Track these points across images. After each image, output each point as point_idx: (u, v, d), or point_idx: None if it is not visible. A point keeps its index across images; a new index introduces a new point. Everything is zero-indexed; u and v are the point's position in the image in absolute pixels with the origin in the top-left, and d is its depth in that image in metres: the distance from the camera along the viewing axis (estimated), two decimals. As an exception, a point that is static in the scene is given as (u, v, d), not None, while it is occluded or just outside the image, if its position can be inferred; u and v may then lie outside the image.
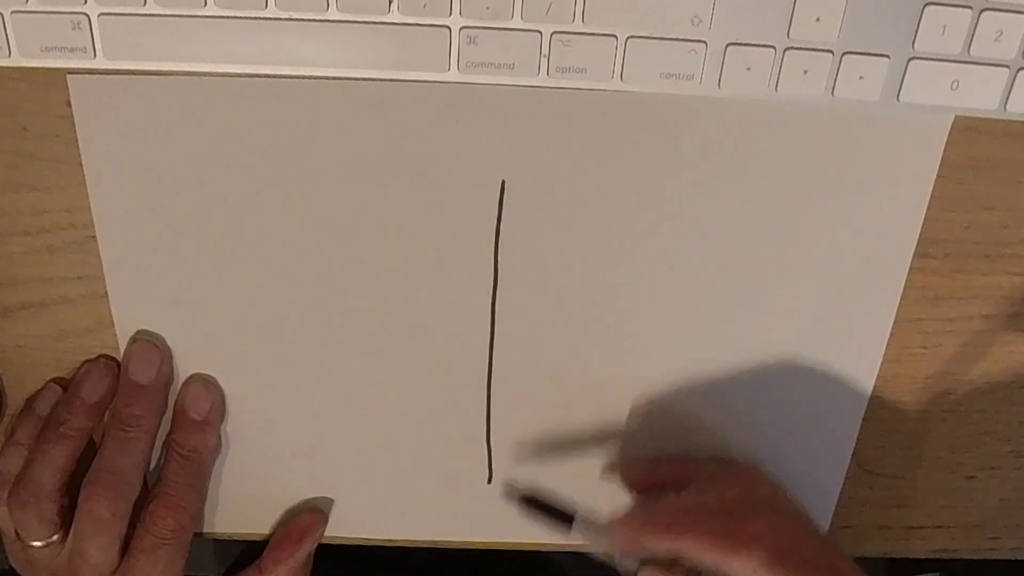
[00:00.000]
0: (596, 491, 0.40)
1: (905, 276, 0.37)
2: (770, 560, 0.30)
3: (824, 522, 0.42)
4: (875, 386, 0.39)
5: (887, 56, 0.32)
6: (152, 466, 0.39)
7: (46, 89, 0.33)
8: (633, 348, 0.38)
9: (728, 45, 0.32)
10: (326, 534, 0.41)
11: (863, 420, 0.40)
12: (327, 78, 0.33)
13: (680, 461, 0.39)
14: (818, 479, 0.41)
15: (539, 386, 0.38)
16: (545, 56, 0.32)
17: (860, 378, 0.39)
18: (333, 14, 0.31)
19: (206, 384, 0.38)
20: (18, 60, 0.32)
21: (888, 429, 0.40)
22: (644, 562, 0.34)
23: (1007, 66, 0.32)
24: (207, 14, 0.31)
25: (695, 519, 0.33)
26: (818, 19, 0.31)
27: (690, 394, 0.39)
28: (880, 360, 0.38)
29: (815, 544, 0.33)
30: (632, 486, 0.39)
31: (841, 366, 0.38)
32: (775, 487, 0.37)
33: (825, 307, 0.37)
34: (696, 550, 0.32)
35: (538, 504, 0.36)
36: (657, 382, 0.39)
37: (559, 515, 0.36)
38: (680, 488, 0.37)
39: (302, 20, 0.32)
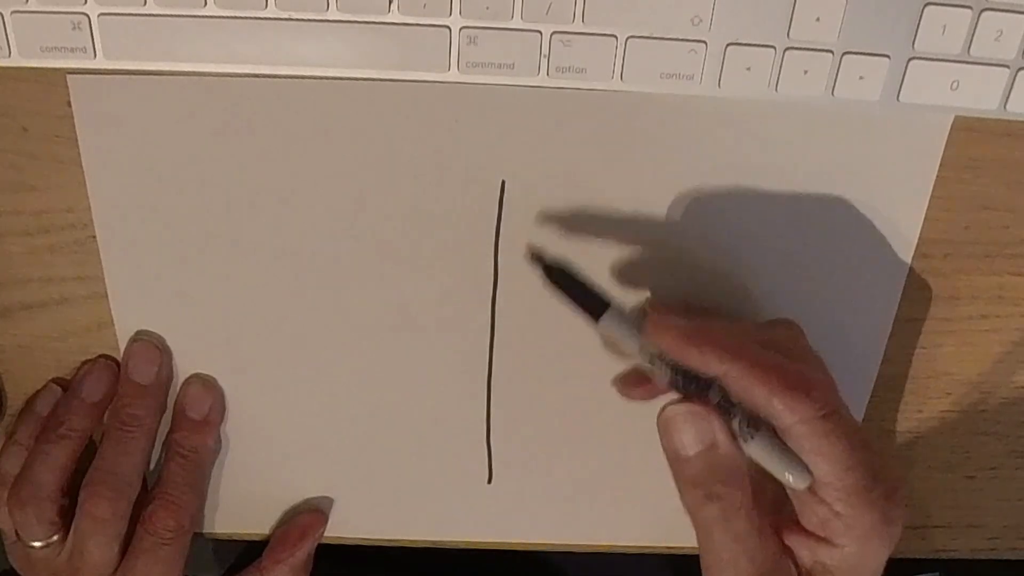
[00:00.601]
0: (596, 488, 0.41)
1: (905, 276, 0.37)
2: (823, 413, 0.27)
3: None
4: (875, 386, 0.39)
5: (887, 56, 0.32)
6: (152, 466, 0.39)
7: (46, 89, 0.33)
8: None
9: (728, 45, 0.32)
10: (326, 534, 0.41)
11: (863, 420, 0.40)
12: (327, 78, 0.33)
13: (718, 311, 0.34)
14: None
15: (539, 386, 0.38)
16: (545, 56, 0.32)
17: (860, 377, 0.39)
18: (333, 14, 0.31)
19: (206, 384, 0.38)
20: (18, 60, 0.32)
21: (888, 429, 0.40)
22: (672, 382, 0.29)
23: (1007, 66, 0.32)
24: (207, 14, 0.31)
25: (752, 346, 0.28)
26: (818, 19, 0.31)
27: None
28: (880, 360, 0.38)
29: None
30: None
31: (841, 366, 0.38)
32: (816, 352, 0.33)
33: (825, 307, 0.37)
34: (749, 378, 0.28)
35: (569, 279, 0.30)
36: (657, 382, 0.39)
37: (589, 298, 0.30)
38: None
39: (302, 20, 0.32)
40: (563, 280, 0.30)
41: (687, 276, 0.36)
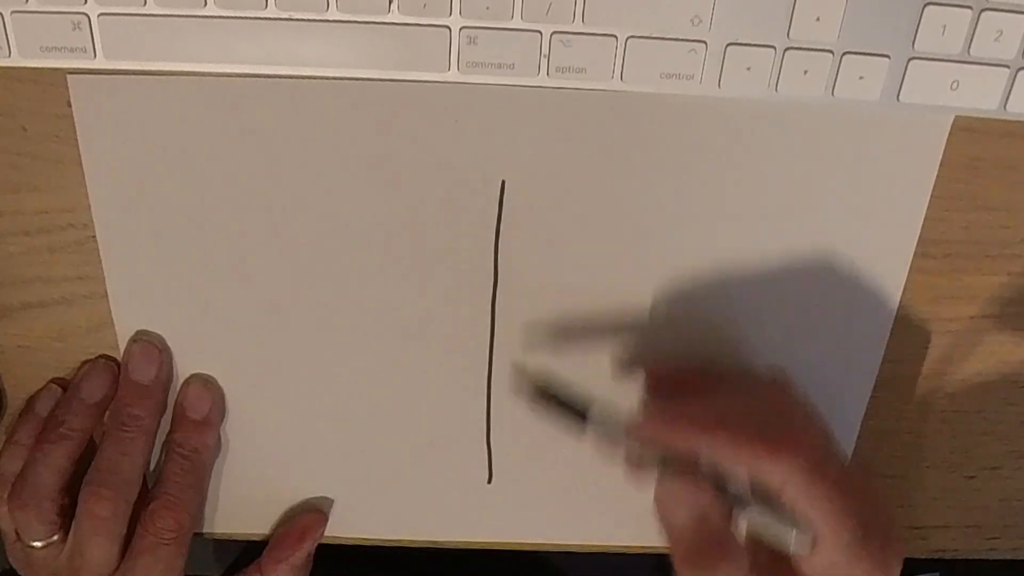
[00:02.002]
0: (596, 488, 0.41)
1: (905, 276, 0.37)
2: (810, 467, 0.28)
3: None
4: (875, 386, 0.39)
5: (887, 56, 0.32)
6: (152, 466, 0.39)
7: (46, 89, 0.33)
8: (632, 348, 0.38)
9: (728, 45, 0.32)
10: (326, 534, 0.41)
11: (863, 420, 0.40)
12: (327, 78, 0.33)
13: (706, 370, 0.37)
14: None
15: (539, 386, 0.38)
16: (545, 56, 0.32)
17: (860, 377, 0.39)
18: (333, 14, 0.31)
19: (206, 384, 0.38)
20: (18, 60, 0.32)
21: (888, 429, 0.40)
22: (664, 463, 0.31)
23: (1007, 66, 0.32)
24: (207, 14, 0.31)
25: (729, 420, 0.30)
26: (818, 19, 0.31)
27: (690, 394, 0.39)
28: (880, 360, 0.38)
29: (843, 461, 0.30)
30: (654, 388, 0.36)
31: (841, 366, 0.38)
32: (805, 400, 0.34)
33: (825, 307, 0.37)
34: (731, 450, 0.29)
35: (551, 397, 0.33)
36: (657, 382, 0.39)
37: (573, 410, 0.32)
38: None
39: (302, 20, 0.32)
40: (547, 397, 0.33)
41: (685, 274, 0.36)
